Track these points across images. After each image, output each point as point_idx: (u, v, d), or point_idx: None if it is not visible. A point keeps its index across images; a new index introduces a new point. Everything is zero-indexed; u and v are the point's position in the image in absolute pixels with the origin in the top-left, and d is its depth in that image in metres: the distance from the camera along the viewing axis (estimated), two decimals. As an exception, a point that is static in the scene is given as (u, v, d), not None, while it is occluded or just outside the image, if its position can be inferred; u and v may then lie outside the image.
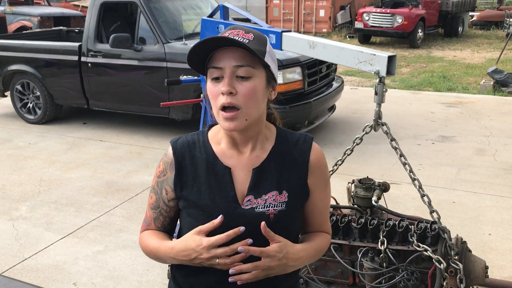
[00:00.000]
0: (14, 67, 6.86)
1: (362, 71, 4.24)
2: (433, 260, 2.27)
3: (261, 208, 1.32)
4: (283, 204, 1.34)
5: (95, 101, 6.52)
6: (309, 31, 16.41)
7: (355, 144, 2.60)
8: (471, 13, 17.45)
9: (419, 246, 2.31)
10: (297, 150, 1.40)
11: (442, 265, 2.26)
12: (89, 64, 6.33)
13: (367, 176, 2.75)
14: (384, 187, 2.69)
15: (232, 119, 1.28)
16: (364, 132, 2.52)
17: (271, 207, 1.33)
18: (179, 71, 5.36)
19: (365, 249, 2.42)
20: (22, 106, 7.06)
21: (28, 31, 9.99)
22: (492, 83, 8.54)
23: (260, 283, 1.30)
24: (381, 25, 13.75)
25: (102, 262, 3.53)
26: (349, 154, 2.65)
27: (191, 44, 1.12)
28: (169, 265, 1.57)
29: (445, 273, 2.28)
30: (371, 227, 2.45)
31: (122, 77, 6.18)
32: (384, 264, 2.39)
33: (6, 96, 7.37)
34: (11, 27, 11.85)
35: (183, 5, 6.76)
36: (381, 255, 2.37)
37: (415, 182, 2.40)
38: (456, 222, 3.97)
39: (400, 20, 13.38)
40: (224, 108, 1.28)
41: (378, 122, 2.46)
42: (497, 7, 18.58)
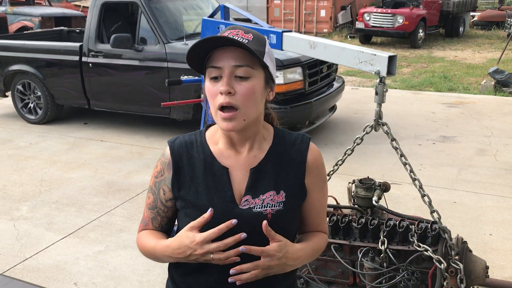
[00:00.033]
0: (15, 67, 6.87)
1: (363, 71, 4.24)
2: (434, 260, 2.27)
3: (259, 208, 1.32)
4: (281, 204, 1.34)
5: (96, 101, 6.53)
6: (310, 31, 16.41)
7: (356, 144, 2.60)
8: (472, 13, 17.45)
9: (420, 246, 2.31)
10: (295, 150, 1.40)
11: (443, 265, 2.26)
12: (90, 64, 6.34)
13: (368, 176, 2.75)
14: (385, 187, 2.69)
15: (230, 119, 1.28)
16: (365, 132, 2.52)
17: (269, 207, 1.33)
18: (180, 71, 5.37)
19: (366, 249, 2.42)
20: (23, 106, 7.07)
21: (29, 31, 10.00)
22: (493, 83, 8.53)
23: (259, 283, 1.30)
24: (382, 25, 13.74)
25: (103, 262, 3.53)
26: (350, 154, 2.65)
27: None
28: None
29: (446, 273, 2.28)
30: (372, 227, 2.45)
31: (123, 77, 6.18)
32: (385, 264, 2.39)
33: (7, 96, 7.38)
34: (12, 27, 11.86)
35: (184, 5, 6.77)
36: (382, 255, 2.37)
37: (416, 182, 2.40)
38: (457, 222, 3.97)
39: (401, 20, 13.38)
40: (222, 108, 1.28)
41: (379, 122, 2.47)
42: (498, 7, 18.54)
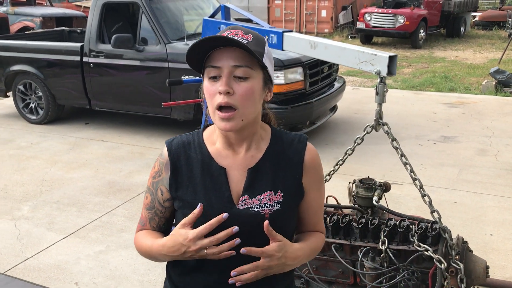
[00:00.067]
0: (17, 68, 6.88)
1: (364, 71, 4.24)
2: (434, 260, 2.28)
3: (256, 208, 1.33)
4: (278, 204, 1.34)
5: (97, 101, 6.53)
6: (311, 32, 16.41)
7: (356, 144, 2.60)
8: (473, 13, 17.43)
9: (420, 246, 2.31)
10: (292, 150, 1.40)
11: (443, 265, 2.26)
12: (91, 65, 6.34)
13: (368, 176, 2.76)
14: (385, 187, 2.69)
15: (229, 119, 1.28)
16: (365, 132, 2.53)
17: (266, 207, 1.33)
18: (181, 72, 5.37)
19: (366, 249, 2.42)
20: (24, 106, 7.08)
21: (30, 32, 10.02)
22: (494, 84, 8.52)
23: (258, 283, 1.30)
24: (383, 26, 13.74)
25: (104, 262, 3.54)
26: (350, 154, 2.65)
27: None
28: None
29: (446, 273, 2.28)
30: (372, 227, 2.45)
31: (124, 78, 6.19)
32: (385, 264, 2.39)
33: (8, 96, 7.39)
34: (14, 28, 11.88)
35: (185, 6, 6.77)
36: (382, 255, 2.38)
37: (416, 182, 2.40)
38: (458, 223, 3.96)
39: (402, 21, 13.37)
40: (221, 108, 1.28)
41: (379, 122, 2.47)
42: (499, 7, 18.55)
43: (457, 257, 2.39)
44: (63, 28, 8.76)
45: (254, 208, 1.33)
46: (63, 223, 4.11)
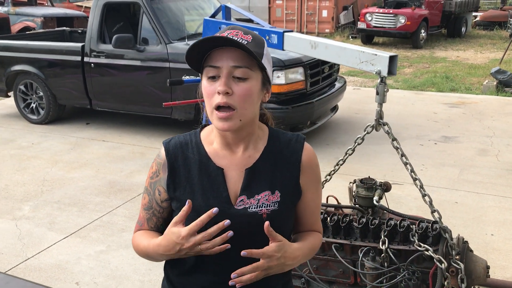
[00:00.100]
0: (18, 68, 6.88)
1: (365, 71, 4.24)
2: (434, 260, 2.27)
3: (254, 208, 1.33)
4: (276, 204, 1.35)
5: (98, 101, 6.54)
6: (312, 32, 16.41)
7: (357, 144, 2.60)
8: (474, 13, 17.42)
9: (420, 246, 2.31)
10: (289, 150, 1.41)
11: (443, 265, 2.26)
12: (92, 65, 6.35)
13: (369, 176, 2.76)
14: (386, 187, 2.69)
15: (227, 119, 1.28)
16: (366, 132, 2.53)
17: (264, 207, 1.33)
18: (182, 72, 5.37)
19: (367, 249, 2.42)
20: (25, 106, 7.09)
21: (31, 32, 10.03)
22: (495, 84, 8.52)
23: (256, 282, 1.30)
24: (384, 26, 13.73)
25: (105, 262, 3.54)
26: (351, 154, 2.65)
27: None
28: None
29: (446, 273, 2.28)
30: (373, 227, 2.45)
31: (125, 78, 6.19)
32: (385, 264, 2.39)
33: (10, 97, 7.40)
34: (15, 28, 11.89)
35: (186, 6, 6.78)
36: (382, 255, 2.38)
37: (416, 182, 2.40)
38: (459, 223, 3.96)
39: (403, 21, 13.37)
40: (219, 108, 1.28)
41: (380, 122, 2.47)
42: (501, 7, 18.52)
43: (458, 257, 2.39)
44: (64, 28, 8.77)
45: (252, 208, 1.33)
46: (64, 223, 4.11)
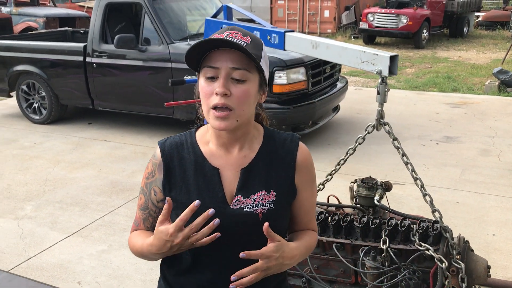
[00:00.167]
0: (20, 68, 6.90)
1: (366, 72, 4.25)
2: (435, 260, 2.28)
3: (250, 208, 1.34)
4: (271, 204, 1.35)
5: (100, 102, 6.55)
6: (314, 32, 16.40)
7: (358, 144, 2.61)
8: (477, 14, 17.40)
9: (421, 245, 2.31)
10: (284, 150, 1.41)
11: (444, 264, 2.26)
12: (94, 65, 6.36)
13: (370, 176, 2.76)
14: (387, 187, 2.70)
15: (224, 118, 1.28)
16: (367, 132, 2.53)
17: (260, 207, 1.34)
18: (183, 72, 5.38)
19: (367, 248, 2.42)
20: (28, 106, 7.10)
21: (34, 32, 10.04)
22: (497, 84, 8.51)
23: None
24: (386, 26, 13.72)
25: (106, 261, 3.55)
26: (352, 154, 2.65)
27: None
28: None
29: (447, 272, 2.28)
30: (373, 226, 2.45)
31: (127, 78, 6.20)
32: (386, 263, 2.39)
33: (12, 97, 7.42)
34: (17, 28, 11.91)
35: (188, 6, 6.79)
36: (383, 254, 2.38)
37: (417, 182, 2.41)
38: (460, 223, 3.96)
39: (405, 21, 13.35)
40: (216, 107, 1.29)
41: (381, 122, 2.47)
42: (503, 7, 18.50)
43: (458, 257, 2.39)
44: (66, 29, 8.79)
45: (248, 208, 1.34)
46: (66, 223, 4.12)
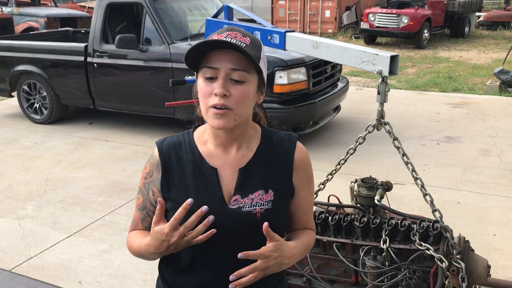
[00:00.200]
0: (21, 68, 6.91)
1: (367, 72, 4.25)
2: (435, 259, 2.28)
3: (248, 207, 1.34)
4: (269, 203, 1.36)
5: (101, 101, 6.56)
6: (315, 32, 16.40)
7: (358, 144, 2.61)
8: (478, 14, 17.39)
9: (421, 245, 2.31)
10: (282, 149, 1.42)
11: (444, 264, 2.26)
12: (95, 65, 6.37)
13: (370, 176, 2.76)
14: (387, 187, 2.70)
15: (222, 116, 1.29)
16: (367, 132, 2.53)
17: (258, 206, 1.35)
18: (184, 72, 5.38)
19: (368, 248, 2.42)
20: (29, 106, 7.11)
21: (35, 32, 10.06)
22: (498, 84, 8.50)
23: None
24: (387, 26, 13.72)
25: (107, 261, 3.56)
26: (352, 154, 2.66)
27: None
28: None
29: (447, 272, 2.28)
30: (374, 226, 2.45)
31: (128, 78, 6.21)
32: (386, 263, 2.39)
33: (13, 96, 7.43)
34: (18, 28, 11.93)
35: (189, 6, 6.79)
36: (383, 254, 2.38)
37: (418, 182, 2.41)
38: (461, 223, 3.96)
39: (406, 21, 13.35)
40: (215, 107, 1.29)
41: (381, 122, 2.47)
42: (504, 7, 18.50)
43: (459, 256, 2.40)
44: (68, 29, 8.80)
45: (246, 208, 1.34)
46: (67, 222, 4.13)
